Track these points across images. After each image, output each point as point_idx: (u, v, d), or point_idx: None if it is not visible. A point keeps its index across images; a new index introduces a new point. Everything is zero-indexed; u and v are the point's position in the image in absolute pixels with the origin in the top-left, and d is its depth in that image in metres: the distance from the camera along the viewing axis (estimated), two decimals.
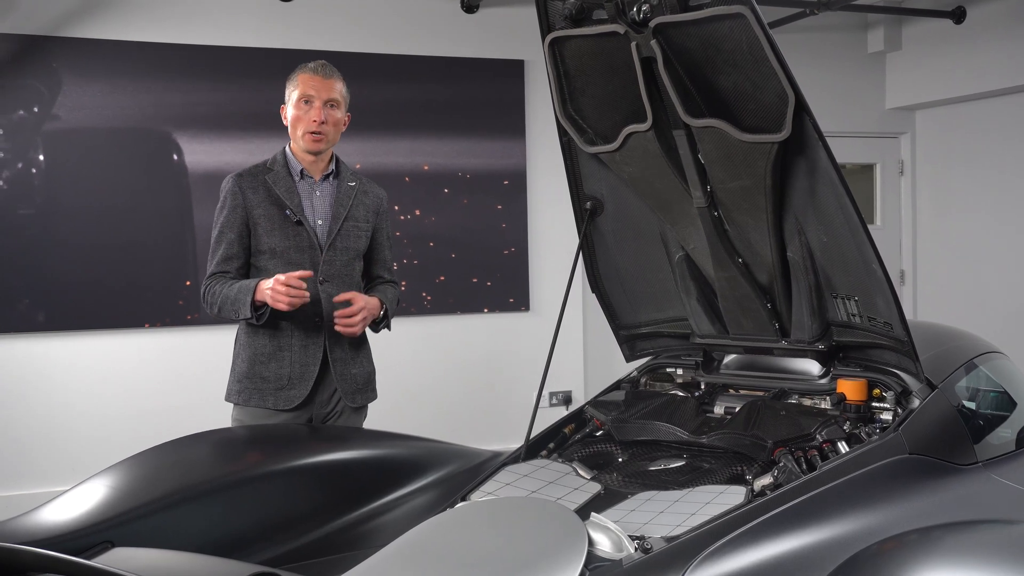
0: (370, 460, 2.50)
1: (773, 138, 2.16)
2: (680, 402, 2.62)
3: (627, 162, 2.45)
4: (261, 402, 2.84)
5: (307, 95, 2.84)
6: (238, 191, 2.85)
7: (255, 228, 2.84)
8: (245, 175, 2.89)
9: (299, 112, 2.85)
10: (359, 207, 2.95)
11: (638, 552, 1.80)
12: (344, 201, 2.92)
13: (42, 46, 4.66)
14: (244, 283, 2.77)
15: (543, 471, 2.31)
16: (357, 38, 5.23)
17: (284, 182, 2.86)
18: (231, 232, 2.84)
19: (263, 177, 2.87)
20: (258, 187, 2.86)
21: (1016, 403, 2.79)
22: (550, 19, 2.34)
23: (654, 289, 2.79)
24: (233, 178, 2.89)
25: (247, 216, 2.84)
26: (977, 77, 5.85)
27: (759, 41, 2.03)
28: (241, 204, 2.84)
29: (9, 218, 4.64)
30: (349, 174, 2.99)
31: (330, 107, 2.86)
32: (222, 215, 2.87)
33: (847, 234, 2.27)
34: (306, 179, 2.91)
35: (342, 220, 2.89)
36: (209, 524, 2.13)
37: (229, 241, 2.84)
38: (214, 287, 2.82)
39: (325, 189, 2.92)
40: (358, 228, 2.93)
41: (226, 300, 2.77)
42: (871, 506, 2.01)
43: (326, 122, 2.83)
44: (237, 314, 2.76)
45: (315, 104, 2.83)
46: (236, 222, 2.84)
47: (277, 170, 2.88)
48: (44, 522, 1.94)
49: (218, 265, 2.84)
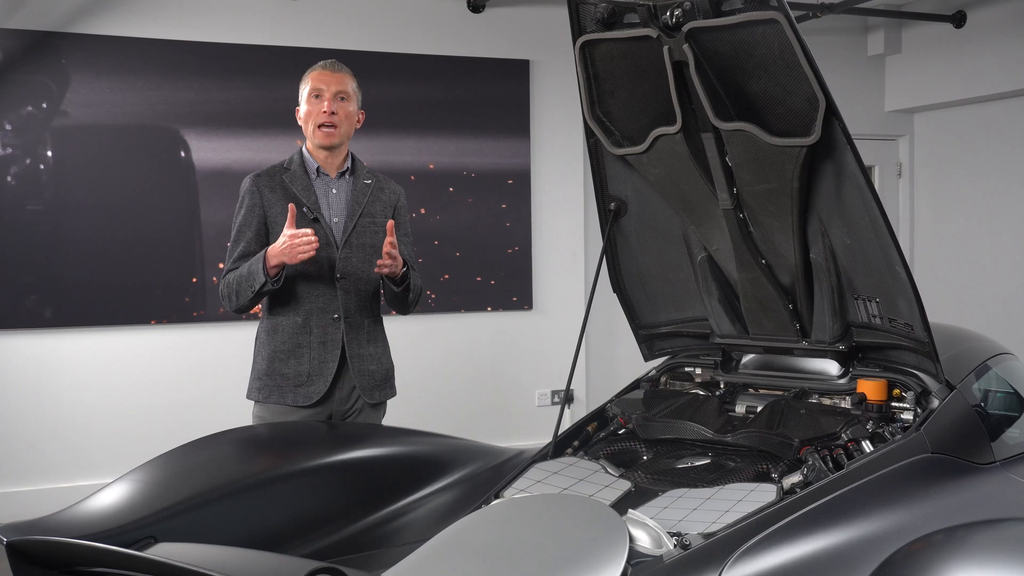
0: (396, 457, 2.53)
1: (802, 142, 2.19)
2: (703, 401, 2.65)
3: (654, 164, 2.48)
4: (280, 399, 2.87)
5: (317, 89, 2.88)
6: (256, 191, 2.88)
7: (272, 227, 2.86)
8: (263, 175, 2.92)
9: (310, 107, 2.89)
10: (375, 203, 2.97)
11: (677, 548, 1.83)
12: (360, 198, 2.94)
13: (51, 42, 4.66)
14: (254, 258, 2.78)
15: (572, 468, 2.34)
16: (364, 37, 5.25)
17: (301, 180, 2.89)
18: (248, 231, 2.87)
19: (280, 176, 2.90)
20: (275, 186, 2.89)
21: None
22: (581, 22, 2.36)
23: (674, 289, 2.82)
24: (251, 178, 2.92)
25: (264, 215, 2.87)
26: (976, 81, 5.91)
27: (791, 46, 2.06)
28: (259, 203, 2.88)
29: (17, 214, 4.64)
30: (365, 171, 3.01)
31: (340, 99, 2.89)
32: (240, 214, 2.90)
33: (872, 236, 2.31)
34: (322, 176, 2.93)
35: (358, 217, 2.92)
36: (244, 520, 2.15)
37: (247, 240, 2.87)
38: (228, 278, 2.85)
39: (341, 186, 2.95)
40: (375, 224, 2.95)
41: (240, 279, 2.78)
42: (898, 504, 2.05)
43: (336, 113, 2.86)
44: (253, 287, 2.74)
45: (325, 96, 2.86)
46: (253, 221, 2.87)
47: (294, 169, 2.91)
48: (86, 518, 1.95)
49: (235, 263, 2.86)
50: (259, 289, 2.74)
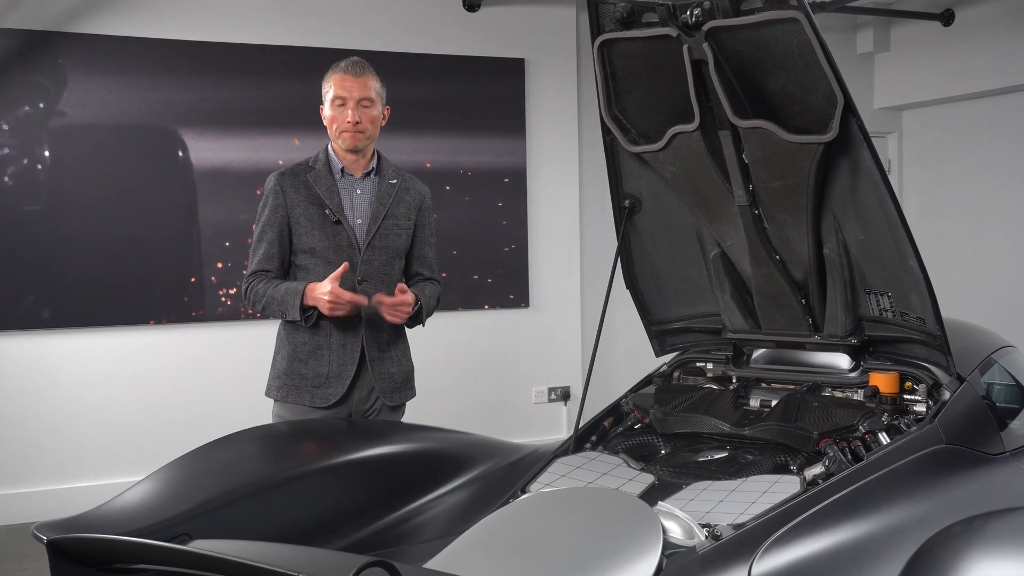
0: (417, 454, 2.54)
1: (820, 139, 2.22)
2: (718, 395, 2.68)
3: (670, 161, 2.51)
4: (299, 399, 2.87)
5: (340, 96, 2.83)
6: (279, 190, 2.86)
7: (295, 227, 2.85)
8: (287, 173, 2.89)
9: (334, 112, 2.84)
10: (400, 205, 2.94)
11: (708, 539, 1.86)
12: (384, 200, 2.91)
13: (48, 42, 4.64)
14: (291, 285, 2.79)
15: (594, 463, 2.37)
16: (360, 36, 5.25)
17: (325, 181, 2.86)
18: (271, 231, 2.86)
19: (304, 176, 2.87)
20: (299, 186, 2.86)
21: None
22: (600, 21, 2.39)
23: (687, 285, 2.85)
24: (276, 177, 2.89)
25: (287, 215, 2.85)
26: (964, 78, 5.98)
27: (811, 44, 2.10)
28: (282, 203, 2.85)
29: (15, 214, 4.62)
30: (391, 171, 2.97)
31: (364, 106, 2.83)
32: (264, 214, 2.88)
33: (886, 231, 2.35)
34: (347, 177, 2.90)
35: (381, 219, 2.88)
36: (271, 517, 2.16)
37: (269, 240, 2.85)
38: (257, 286, 2.83)
39: (366, 187, 2.91)
40: (398, 226, 2.93)
41: (271, 301, 2.80)
42: (918, 495, 2.09)
43: (360, 122, 2.82)
44: (284, 316, 2.80)
45: (348, 105, 2.82)
46: (276, 221, 2.85)
47: (319, 168, 2.88)
48: (121, 516, 1.95)
49: (259, 263, 2.85)
50: (289, 320, 2.82)
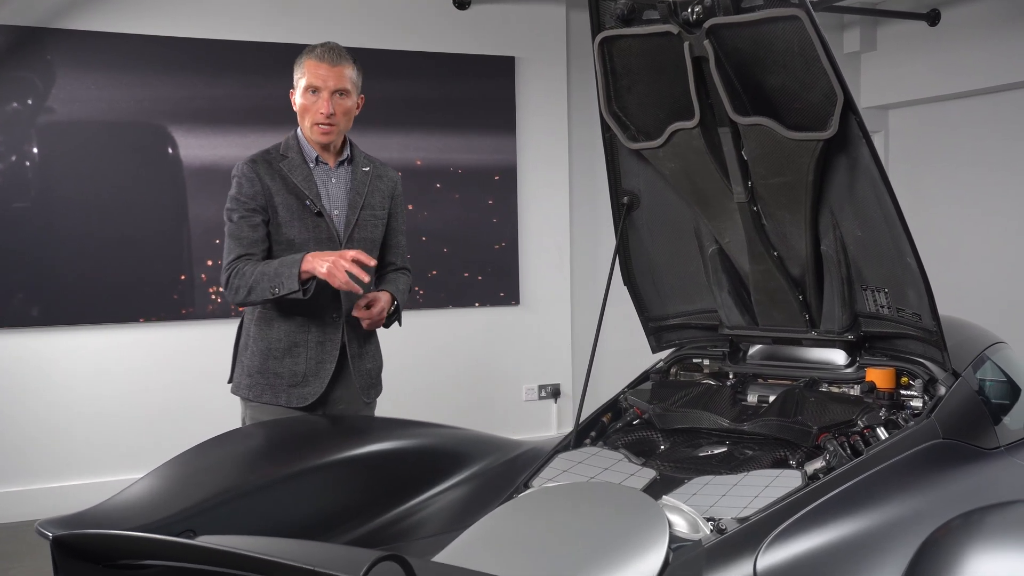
0: (417, 450, 2.55)
1: (819, 136, 2.24)
2: (716, 391, 2.70)
3: (670, 158, 2.52)
4: (273, 398, 2.73)
5: (313, 85, 2.67)
6: (255, 176, 2.69)
7: (273, 216, 2.70)
8: (260, 161, 2.72)
9: (306, 101, 2.70)
10: (375, 194, 2.84)
11: (713, 533, 1.88)
12: (360, 188, 2.79)
13: (36, 38, 4.60)
14: (286, 258, 2.60)
15: (595, 458, 2.38)
16: (350, 33, 5.23)
17: (300, 170, 2.72)
18: (256, 216, 2.67)
19: (278, 164, 2.72)
20: (275, 175, 2.71)
21: (1022, 390, 2.93)
22: (600, 18, 2.40)
23: (684, 282, 2.86)
24: (248, 163, 2.72)
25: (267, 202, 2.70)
26: (950, 78, 6.03)
27: (811, 42, 2.11)
28: (260, 190, 2.68)
29: (3, 212, 4.58)
30: (363, 158, 2.86)
31: (339, 96, 2.69)
32: (241, 198, 2.68)
33: (883, 228, 2.37)
34: (321, 166, 2.77)
35: (359, 209, 2.78)
36: (273, 514, 2.16)
37: (253, 224, 2.66)
38: (243, 268, 2.62)
39: (340, 176, 2.79)
40: (375, 217, 2.84)
41: (263, 276, 2.58)
42: (917, 488, 2.11)
43: (334, 113, 2.68)
44: (275, 290, 2.55)
45: (322, 95, 2.67)
46: (259, 207, 2.68)
47: (292, 157, 2.73)
48: (125, 512, 1.95)
49: (245, 248, 2.65)
50: (282, 295, 2.56)
